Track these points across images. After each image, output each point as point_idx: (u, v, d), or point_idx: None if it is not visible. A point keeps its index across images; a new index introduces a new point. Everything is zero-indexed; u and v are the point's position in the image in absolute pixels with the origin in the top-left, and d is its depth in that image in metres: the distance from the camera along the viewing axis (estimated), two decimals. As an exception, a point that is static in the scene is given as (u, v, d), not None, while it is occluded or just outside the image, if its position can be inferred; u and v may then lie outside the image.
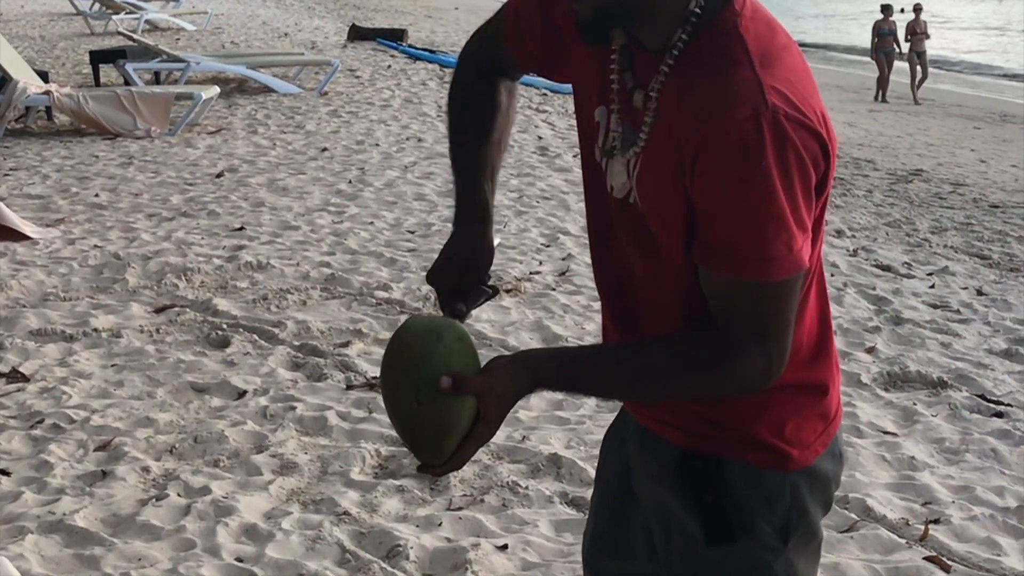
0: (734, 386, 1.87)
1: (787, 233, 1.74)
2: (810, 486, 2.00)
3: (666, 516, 2.04)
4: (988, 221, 10.90)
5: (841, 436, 2.10)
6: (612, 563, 2.25)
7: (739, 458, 1.97)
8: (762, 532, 1.96)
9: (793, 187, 1.74)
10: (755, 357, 1.81)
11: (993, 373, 6.20)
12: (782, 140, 1.72)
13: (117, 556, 4.03)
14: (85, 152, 12.20)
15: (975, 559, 4.22)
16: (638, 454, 2.11)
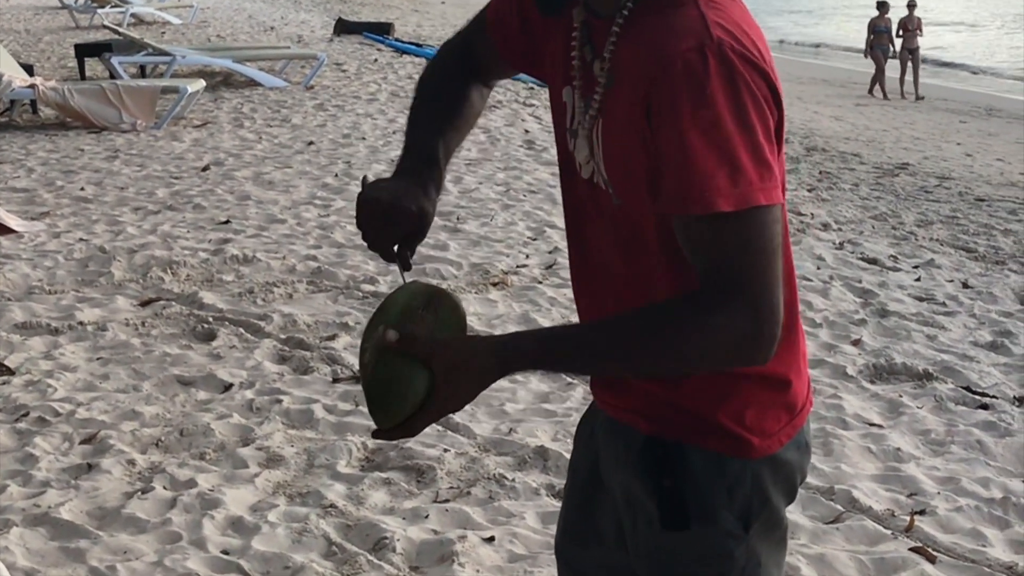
0: (721, 351, 1.76)
1: (733, 167, 1.67)
2: (773, 475, 1.97)
3: (631, 501, 2.03)
4: (974, 214, 10.92)
5: (809, 427, 2.07)
6: (582, 551, 2.24)
7: (701, 445, 1.94)
8: (722, 518, 1.94)
9: (746, 118, 1.69)
10: (738, 317, 1.71)
11: (978, 365, 6.21)
12: (729, 70, 1.69)
13: (103, 549, 4.02)
14: (70, 146, 12.16)
15: (960, 550, 4.23)
16: (606, 442, 2.10)
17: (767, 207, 1.71)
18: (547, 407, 5.38)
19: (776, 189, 1.73)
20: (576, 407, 5.28)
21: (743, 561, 1.98)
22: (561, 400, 5.44)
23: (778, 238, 1.74)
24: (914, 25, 24.54)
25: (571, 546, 2.28)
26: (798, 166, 13.28)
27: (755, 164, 1.69)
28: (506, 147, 12.30)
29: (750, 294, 1.71)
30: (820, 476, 4.76)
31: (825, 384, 5.83)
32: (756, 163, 1.69)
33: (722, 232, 1.70)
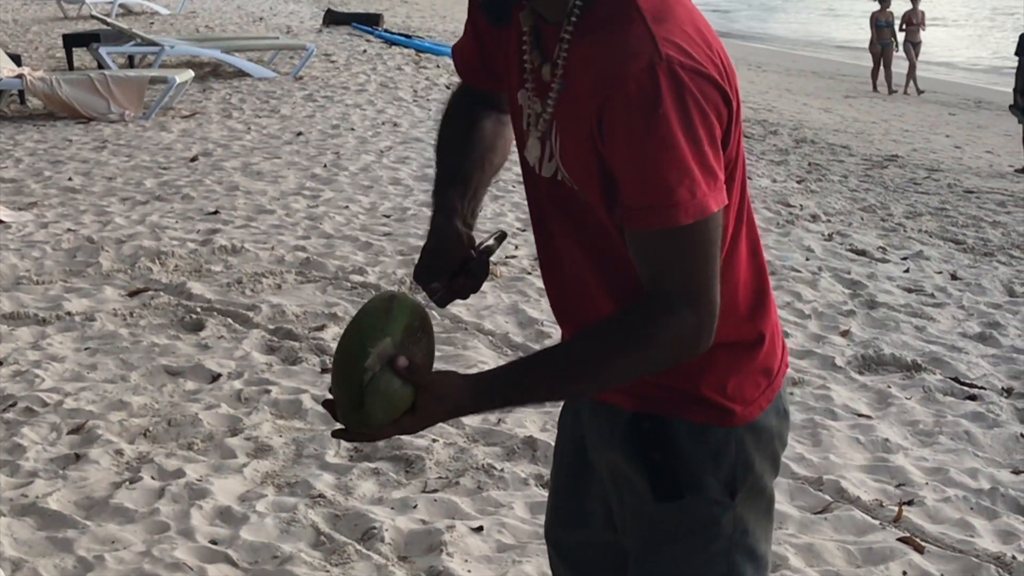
0: (670, 350, 1.87)
1: (690, 179, 1.77)
2: (755, 441, 2.05)
3: (618, 478, 2.10)
4: (963, 206, 10.94)
5: (785, 393, 2.14)
6: (571, 533, 2.31)
7: (685, 417, 2.02)
8: (709, 487, 2.02)
9: (695, 133, 1.77)
10: (684, 316, 1.83)
11: (967, 356, 6.23)
12: (679, 88, 1.76)
13: (90, 539, 4.01)
14: (58, 136, 12.13)
15: (949, 540, 4.23)
16: (591, 423, 2.17)
17: (715, 214, 1.82)
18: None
19: (721, 192, 1.83)
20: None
21: (730, 528, 2.04)
22: (550, 390, 5.42)
23: (719, 238, 1.86)
24: (918, 19, 24.17)
25: (560, 528, 2.33)
26: (787, 158, 13.28)
27: (704, 174, 1.78)
28: (495, 138, 12.27)
29: (693, 294, 1.84)
30: (808, 466, 4.77)
31: (814, 375, 5.84)
32: (705, 173, 1.78)
33: (677, 242, 1.81)
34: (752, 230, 2.05)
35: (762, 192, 10.75)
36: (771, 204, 10.18)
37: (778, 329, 2.13)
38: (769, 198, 10.47)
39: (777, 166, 12.61)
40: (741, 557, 2.06)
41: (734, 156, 1.90)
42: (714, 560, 2.06)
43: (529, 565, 3.93)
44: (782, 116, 17.85)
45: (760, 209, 9.84)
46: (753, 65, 27.03)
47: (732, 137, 1.87)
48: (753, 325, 2.04)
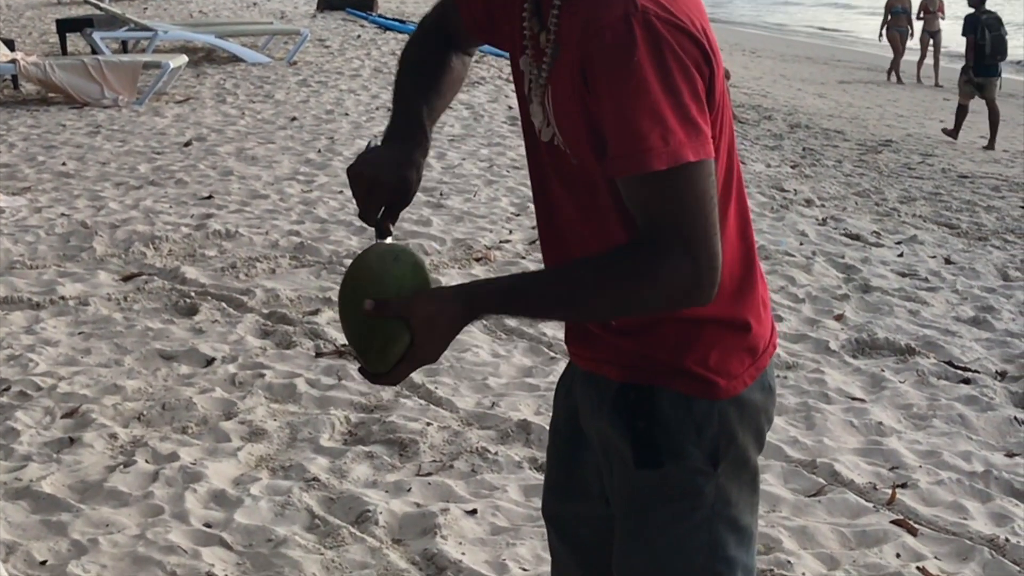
0: (666, 293, 1.87)
1: (663, 126, 1.78)
2: (739, 415, 2.07)
3: (607, 448, 2.13)
4: (957, 191, 10.95)
5: (772, 370, 2.16)
6: (567, 506, 2.33)
7: (670, 387, 2.04)
8: (692, 456, 2.04)
9: (672, 83, 1.79)
10: (680, 263, 1.83)
11: (961, 340, 6.23)
12: (655, 38, 1.78)
13: (84, 522, 4.01)
14: (52, 121, 12.10)
15: (942, 522, 4.24)
16: (583, 394, 2.20)
17: (697, 163, 1.80)
18: (530, 381, 5.38)
19: (705, 145, 1.82)
20: (559, 381, 5.28)
21: (712, 498, 2.06)
22: (544, 374, 5.44)
23: (712, 190, 1.84)
24: (935, 6, 23.11)
25: (556, 502, 2.36)
26: (781, 143, 13.28)
27: (682, 124, 1.79)
28: (489, 123, 12.28)
29: (689, 243, 1.83)
30: (802, 449, 4.78)
31: (808, 359, 5.84)
32: (683, 123, 1.79)
33: (658, 188, 1.82)
34: (742, 209, 2.05)
35: (756, 177, 10.74)
36: (765, 189, 10.18)
37: (767, 308, 2.13)
38: (763, 183, 10.47)
39: (771, 151, 12.60)
40: (724, 527, 2.08)
41: (718, 126, 1.91)
42: (697, 529, 2.08)
43: (523, 548, 3.93)
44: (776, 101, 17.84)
45: (754, 194, 9.84)
46: (748, 51, 27.02)
47: (715, 101, 1.88)
48: (737, 306, 2.05)
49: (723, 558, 2.09)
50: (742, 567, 2.11)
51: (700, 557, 2.08)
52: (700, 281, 1.84)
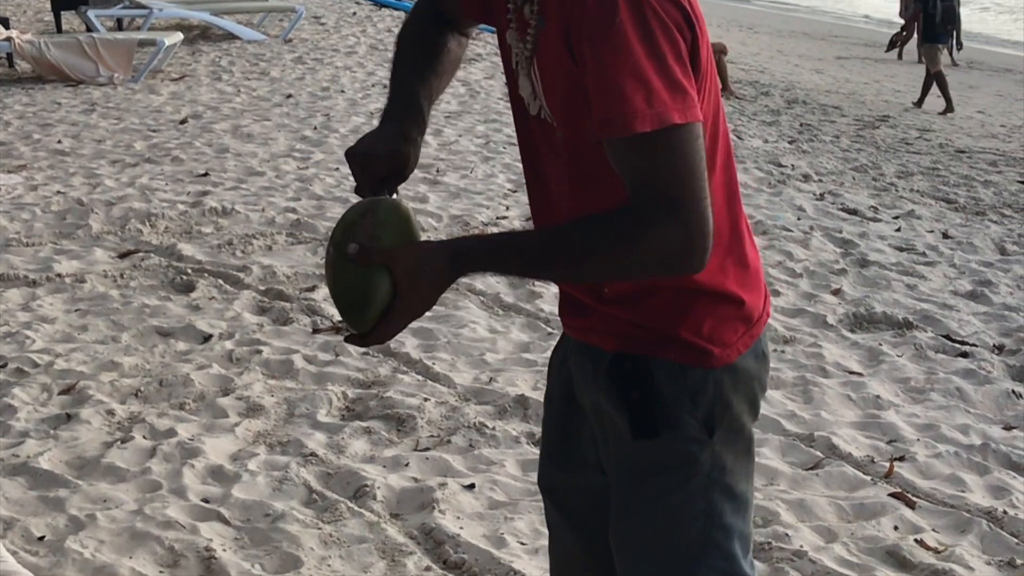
0: (656, 257, 1.84)
1: (647, 88, 1.77)
2: (733, 383, 2.07)
3: (602, 418, 2.13)
4: (954, 166, 10.94)
5: (766, 338, 2.16)
6: (563, 476, 2.33)
7: (664, 357, 2.04)
8: (687, 425, 2.04)
9: (655, 46, 1.78)
10: (670, 226, 1.80)
11: (958, 314, 6.23)
12: (639, 4, 1.78)
13: (82, 498, 4.01)
14: (47, 99, 12.06)
15: (940, 495, 4.24)
16: (577, 364, 2.20)
17: (683, 125, 1.79)
18: (527, 356, 5.38)
19: (691, 108, 1.80)
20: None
21: (708, 466, 2.07)
22: (541, 350, 5.43)
23: (700, 152, 1.82)
24: None
25: (553, 473, 2.35)
26: (779, 118, 13.26)
27: (666, 86, 1.78)
28: (486, 100, 12.25)
29: (678, 205, 1.80)
30: (799, 423, 4.78)
31: (805, 333, 5.84)
32: (667, 85, 1.78)
33: (644, 151, 1.80)
34: (729, 180, 2.04)
35: (754, 152, 10.73)
36: (763, 164, 10.16)
37: (758, 279, 2.13)
38: (761, 158, 10.46)
39: (769, 127, 12.59)
40: (719, 495, 2.09)
41: (703, 92, 1.90)
42: (693, 497, 2.08)
43: (521, 522, 3.93)
44: (774, 77, 17.81)
45: (751, 169, 9.82)
46: (745, 27, 26.96)
47: (699, 67, 1.87)
48: (728, 278, 2.04)
49: (720, 526, 2.09)
50: (739, 534, 2.12)
51: (697, 525, 2.08)
52: (692, 245, 1.81)
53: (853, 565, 3.73)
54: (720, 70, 15.02)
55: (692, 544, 2.09)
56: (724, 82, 15.06)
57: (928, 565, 3.75)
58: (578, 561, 2.38)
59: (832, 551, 3.81)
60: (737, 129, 12.15)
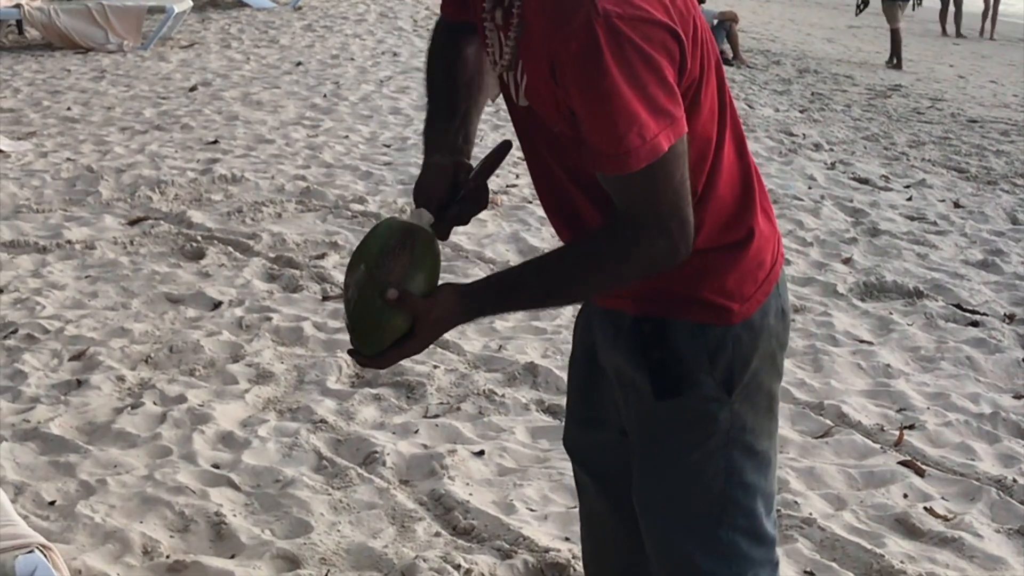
0: (647, 266, 1.97)
1: (638, 125, 1.83)
2: (752, 340, 2.10)
3: (623, 379, 2.17)
4: (966, 135, 10.90)
5: (786, 292, 2.19)
6: (587, 435, 2.39)
7: (683, 317, 2.09)
8: (705, 384, 2.08)
9: (639, 80, 1.83)
10: (657, 237, 1.93)
11: (969, 283, 6.22)
12: (617, 39, 1.82)
13: (93, 463, 4.02)
14: (57, 66, 12.05)
15: (949, 463, 4.24)
16: (599, 328, 2.24)
17: (670, 150, 1.87)
18: (537, 324, 5.37)
19: (676, 126, 1.87)
20: (566, 324, 5.28)
21: (727, 424, 2.10)
22: (551, 318, 5.43)
23: (684, 166, 1.92)
24: None
25: (577, 432, 2.42)
26: (790, 87, 13.22)
27: (653, 115, 1.84)
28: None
29: (662, 218, 1.92)
30: (809, 391, 4.77)
31: (815, 302, 5.83)
32: (654, 114, 1.84)
33: (638, 183, 1.89)
34: (737, 130, 2.10)
35: (765, 121, 10.70)
36: (774, 133, 10.13)
37: (768, 217, 2.17)
38: (772, 127, 10.42)
39: (780, 96, 12.55)
40: (739, 453, 2.12)
41: (697, 74, 1.95)
42: (713, 455, 2.11)
43: (530, 488, 3.94)
44: (785, 46, 17.74)
45: (763, 138, 9.79)
46: (756, -5, 26.83)
47: (689, 62, 1.91)
48: (743, 221, 2.09)
49: (740, 484, 2.12)
50: (761, 492, 2.15)
51: (717, 483, 2.12)
52: (676, 248, 1.94)
53: (862, 533, 3.73)
54: (731, 39, 14.97)
55: (713, 502, 2.13)
56: (735, 51, 15.01)
57: (937, 533, 3.75)
58: (605, 520, 2.43)
59: (841, 519, 3.81)
60: (748, 98, 12.11)
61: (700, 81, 1.96)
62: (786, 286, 2.20)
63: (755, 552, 2.17)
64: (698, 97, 1.97)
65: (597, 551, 2.52)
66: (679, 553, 2.17)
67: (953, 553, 3.65)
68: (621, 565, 2.45)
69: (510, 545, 3.57)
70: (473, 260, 6.19)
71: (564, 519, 3.73)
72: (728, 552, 2.14)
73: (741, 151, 2.10)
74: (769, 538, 2.19)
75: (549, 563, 3.46)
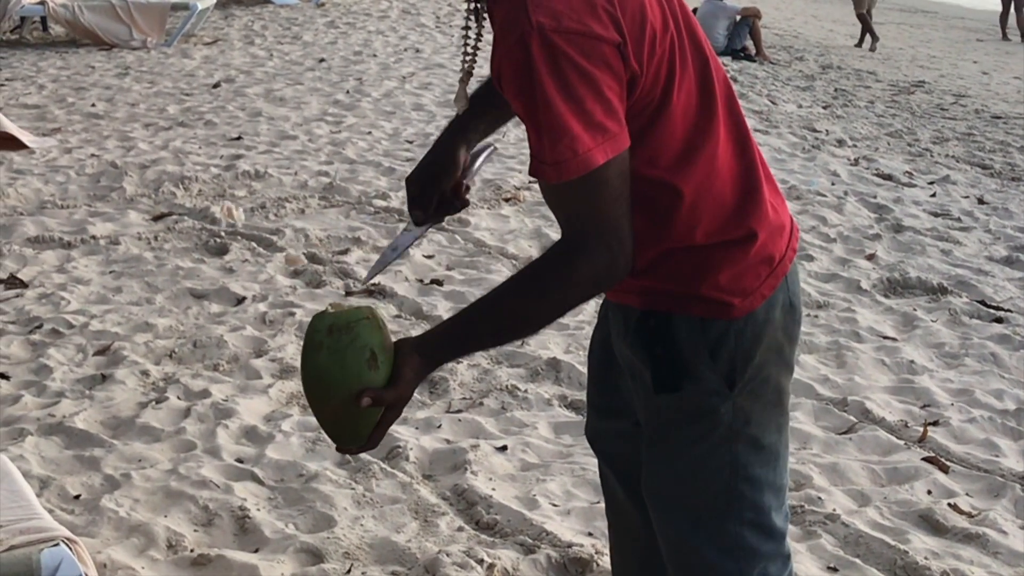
0: (590, 285, 1.97)
1: (569, 137, 1.86)
2: (755, 334, 2.09)
3: (633, 371, 2.19)
4: (990, 131, 10.85)
5: (796, 284, 2.18)
6: (605, 423, 2.41)
7: (686, 312, 2.08)
8: (706, 379, 2.08)
9: (574, 94, 1.86)
10: (595, 254, 1.94)
11: (993, 280, 6.19)
12: (553, 54, 1.84)
13: (117, 457, 4.04)
14: (81, 63, 12.10)
15: (973, 460, 4.22)
16: (613, 320, 2.26)
17: (605, 164, 1.89)
18: (560, 320, 5.36)
19: (613, 142, 1.90)
20: (588, 320, 5.28)
21: (728, 418, 2.10)
22: (573, 313, 5.39)
23: (623, 181, 1.93)
24: None
25: (597, 420, 2.44)
26: (813, 83, 13.18)
27: (588, 130, 1.87)
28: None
29: (601, 235, 1.94)
30: (833, 387, 4.76)
31: (839, 298, 5.82)
32: (588, 128, 1.87)
33: (571, 194, 1.92)
34: (736, 128, 2.09)
35: (788, 117, 10.68)
36: (797, 129, 10.11)
37: (778, 212, 2.14)
38: (795, 123, 10.40)
39: (803, 92, 12.51)
40: (744, 446, 2.12)
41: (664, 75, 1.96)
42: (716, 449, 2.12)
43: (553, 483, 3.94)
44: (808, 42, 17.69)
45: (785, 134, 9.77)
46: (779, -9, 26.76)
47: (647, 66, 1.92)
48: (742, 222, 2.07)
49: (746, 478, 2.12)
50: (769, 485, 2.15)
51: (722, 477, 2.12)
52: (615, 263, 1.95)
53: (886, 529, 3.72)
54: (754, 35, 14.94)
55: (719, 496, 2.13)
56: (758, 47, 14.98)
57: (961, 529, 3.74)
58: (625, 509, 2.44)
59: (865, 515, 3.80)
60: (771, 94, 12.08)
61: (670, 80, 1.97)
62: (797, 279, 2.19)
63: (764, 546, 2.17)
64: (668, 96, 1.97)
65: (619, 541, 2.54)
66: (687, 546, 2.18)
67: (977, 549, 3.64)
68: (642, 554, 2.46)
69: (533, 540, 3.57)
70: (495, 255, 6.20)
71: (587, 514, 3.73)
72: (736, 546, 2.15)
73: (742, 148, 2.09)
74: (778, 532, 2.19)
75: (572, 558, 3.46)
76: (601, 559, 3.42)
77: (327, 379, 2.02)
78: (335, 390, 2.00)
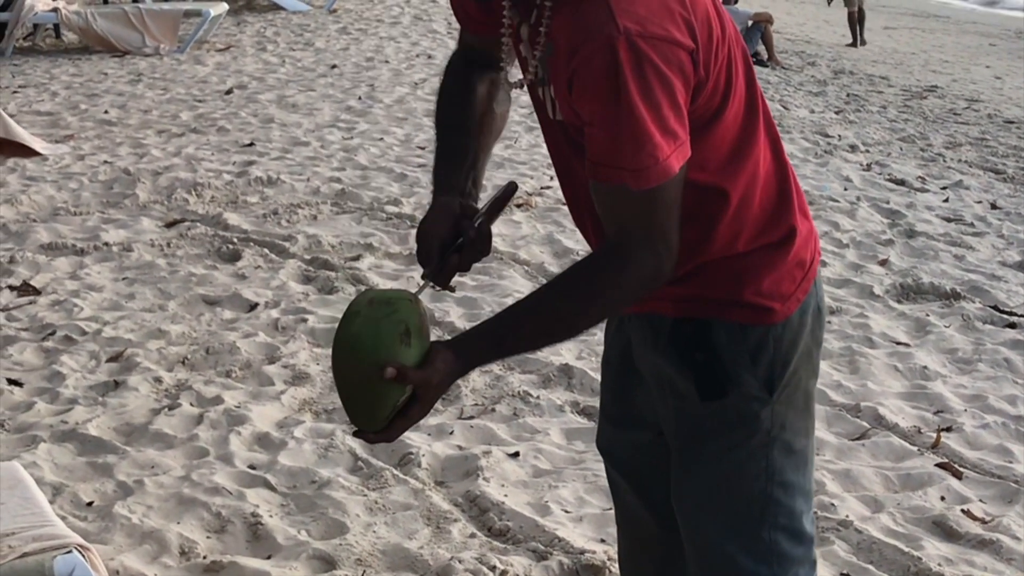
0: (635, 289, 1.97)
1: (652, 144, 1.85)
2: (793, 338, 2.11)
3: (662, 381, 2.17)
4: (1003, 136, 10.83)
5: (821, 290, 2.20)
6: (621, 433, 2.39)
7: (724, 318, 2.08)
8: (748, 384, 2.09)
9: (655, 101, 1.85)
10: (645, 259, 1.94)
11: (1007, 285, 6.18)
12: (639, 59, 1.84)
13: (130, 463, 4.04)
14: (94, 70, 12.13)
15: (987, 466, 4.21)
16: (636, 330, 2.23)
17: (679, 171, 1.90)
18: (572, 326, 5.36)
19: (683, 150, 1.90)
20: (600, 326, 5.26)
21: (769, 423, 2.11)
22: (586, 319, 5.41)
23: (680, 189, 1.93)
24: None
25: (611, 430, 2.42)
26: (825, 88, 13.17)
27: (666, 137, 1.87)
28: (530, 70, 12.22)
29: (655, 240, 1.94)
30: (846, 393, 4.75)
31: (852, 303, 5.80)
32: (666, 136, 1.87)
33: (643, 202, 1.91)
34: (772, 132, 2.11)
35: (800, 123, 10.67)
36: (809, 134, 10.10)
37: (805, 214, 2.17)
38: (807, 128, 10.39)
39: (815, 97, 12.50)
40: (779, 452, 2.13)
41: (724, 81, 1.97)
42: (754, 455, 2.12)
43: (565, 490, 3.94)
44: (820, 48, 17.69)
45: (798, 139, 9.76)
46: (791, -4, 26.74)
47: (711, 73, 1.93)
48: (782, 221, 2.09)
49: (780, 483, 2.13)
50: (800, 490, 2.16)
51: (759, 483, 2.13)
52: (662, 268, 1.95)
53: (899, 535, 3.71)
54: (766, 40, 14.93)
55: (754, 502, 2.14)
56: (770, 52, 14.97)
57: (975, 535, 3.73)
58: (640, 519, 2.43)
59: (878, 521, 3.79)
60: (784, 99, 12.07)
61: (728, 87, 1.98)
62: (821, 284, 2.20)
63: (795, 551, 2.17)
64: (725, 103, 1.98)
65: (631, 551, 2.53)
66: (721, 554, 2.17)
67: (991, 556, 3.63)
68: (655, 565, 2.45)
69: (545, 547, 3.57)
70: (508, 262, 6.20)
71: (599, 521, 3.73)
72: (770, 552, 2.15)
73: (777, 152, 2.11)
74: (808, 536, 2.20)
75: (584, 565, 3.46)
76: (613, 566, 3.41)
77: (357, 345, 1.96)
78: (362, 356, 1.94)
